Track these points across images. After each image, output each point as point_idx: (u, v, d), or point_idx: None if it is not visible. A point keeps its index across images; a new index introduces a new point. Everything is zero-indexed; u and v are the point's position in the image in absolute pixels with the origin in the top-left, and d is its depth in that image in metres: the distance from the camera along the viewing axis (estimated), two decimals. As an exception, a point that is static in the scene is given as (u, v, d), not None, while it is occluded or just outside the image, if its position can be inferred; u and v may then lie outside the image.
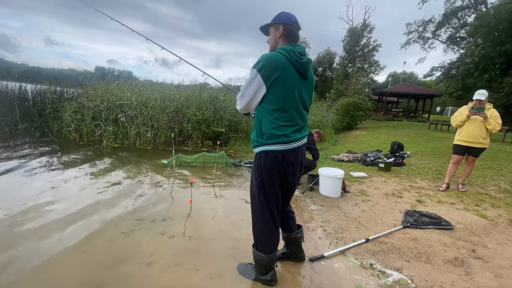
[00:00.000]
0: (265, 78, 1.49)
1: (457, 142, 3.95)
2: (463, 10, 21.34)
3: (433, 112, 23.80)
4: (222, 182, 4.16)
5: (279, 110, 1.55)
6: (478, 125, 3.72)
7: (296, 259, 2.10)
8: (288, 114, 1.57)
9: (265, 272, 1.80)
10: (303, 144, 1.69)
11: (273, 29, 1.67)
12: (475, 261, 2.20)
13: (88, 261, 1.98)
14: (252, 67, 1.54)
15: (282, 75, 1.50)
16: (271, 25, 1.67)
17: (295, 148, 1.61)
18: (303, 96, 1.64)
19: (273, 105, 1.54)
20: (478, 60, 16.27)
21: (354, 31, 27.06)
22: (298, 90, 1.59)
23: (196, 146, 7.08)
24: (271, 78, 1.49)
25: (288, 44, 1.61)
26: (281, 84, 1.51)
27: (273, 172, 1.60)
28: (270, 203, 1.67)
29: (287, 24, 1.63)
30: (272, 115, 1.55)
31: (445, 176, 4.13)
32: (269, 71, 1.49)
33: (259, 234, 1.75)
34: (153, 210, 2.92)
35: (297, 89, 1.58)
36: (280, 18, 1.65)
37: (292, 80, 1.55)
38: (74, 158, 4.96)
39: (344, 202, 3.45)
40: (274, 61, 1.51)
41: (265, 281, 1.81)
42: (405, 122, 19.35)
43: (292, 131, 1.59)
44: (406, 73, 49.22)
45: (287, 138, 1.57)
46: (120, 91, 7.86)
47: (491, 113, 3.69)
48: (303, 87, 1.63)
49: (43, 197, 3.08)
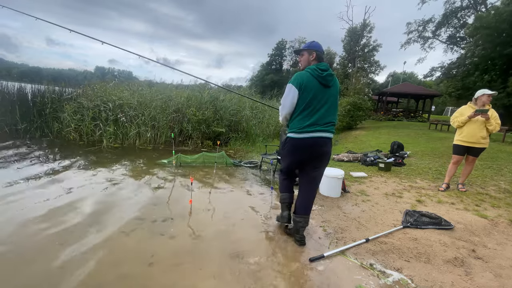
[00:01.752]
0: (298, 87, 2.15)
1: (458, 142, 3.94)
2: (463, 10, 21.36)
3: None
4: (222, 182, 4.16)
5: (305, 110, 2.17)
6: (478, 126, 3.71)
7: (294, 240, 2.42)
8: (308, 112, 2.17)
9: (283, 210, 2.54)
10: (318, 137, 2.19)
11: (307, 53, 2.31)
12: (475, 261, 2.20)
13: (88, 261, 1.98)
14: (288, 83, 2.21)
15: (306, 85, 2.14)
16: (306, 50, 2.30)
17: (310, 137, 2.17)
18: (325, 100, 2.19)
19: (300, 106, 2.17)
20: (478, 60, 16.27)
21: (354, 31, 27.07)
22: (320, 97, 2.17)
23: (196, 146, 7.08)
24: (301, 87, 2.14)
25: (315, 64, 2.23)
26: (306, 92, 2.14)
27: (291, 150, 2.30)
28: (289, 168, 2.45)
29: (319, 51, 2.29)
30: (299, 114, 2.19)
31: (445, 176, 4.13)
32: (299, 82, 2.15)
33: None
34: (153, 210, 2.92)
35: (319, 96, 2.16)
36: (313, 46, 2.30)
37: (313, 88, 2.15)
38: (74, 158, 4.96)
39: (344, 202, 3.45)
40: (301, 76, 2.18)
41: (281, 217, 2.55)
42: (405, 122, 19.36)
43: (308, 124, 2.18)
44: (406, 73, 49.29)
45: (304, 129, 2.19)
46: (118, 90, 7.85)
47: (491, 114, 3.69)
48: (326, 94, 2.19)
49: (43, 197, 3.08)
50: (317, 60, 2.28)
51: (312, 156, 2.24)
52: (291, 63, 47.91)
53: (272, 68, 47.10)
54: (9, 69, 32.99)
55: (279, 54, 47.38)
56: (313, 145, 2.19)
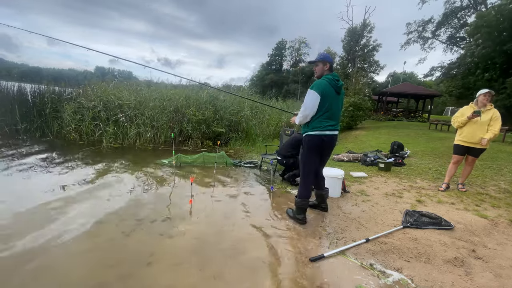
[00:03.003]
0: (320, 94, 2.56)
1: (458, 142, 3.93)
2: (463, 10, 21.35)
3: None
4: (222, 182, 4.16)
5: (325, 113, 2.63)
6: (479, 127, 3.67)
7: (320, 208, 3.13)
8: (327, 114, 2.64)
9: (299, 213, 2.78)
10: (333, 134, 2.72)
11: (322, 64, 2.71)
12: (475, 261, 2.20)
13: (88, 261, 1.98)
14: (309, 89, 2.61)
15: (326, 93, 2.59)
16: (321, 61, 2.71)
17: (328, 134, 2.67)
18: (337, 105, 2.72)
19: (321, 109, 2.60)
20: (478, 60, 16.24)
21: (354, 31, 27.06)
22: (334, 102, 2.66)
23: (196, 146, 7.08)
24: (322, 94, 2.56)
25: (329, 73, 2.69)
26: (325, 98, 2.58)
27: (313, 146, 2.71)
28: (315, 161, 2.78)
29: (331, 62, 2.75)
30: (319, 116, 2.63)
31: (445, 176, 4.13)
32: (321, 90, 2.57)
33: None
34: (153, 210, 2.92)
35: (333, 101, 2.65)
36: (327, 58, 2.73)
37: (330, 94, 2.62)
38: (74, 158, 4.96)
39: (344, 202, 3.45)
40: (322, 85, 2.60)
41: (298, 219, 2.79)
42: (405, 122, 19.34)
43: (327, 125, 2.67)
44: (406, 73, 49.25)
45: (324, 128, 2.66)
46: (117, 90, 7.84)
47: (492, 113, 3.64)
48: (337, 99, 2.70)
49: (42, 197, 3.08)
50: (330, 70, 2.72)
51: (329, 148, 2.81)
52: (291, 63, 47.94)
53: (272, 68, 47.12)
54: (9, 69, 32.93)
55: (279, 54, 47.40)
56: (331, 140, 2.73)
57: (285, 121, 10.87)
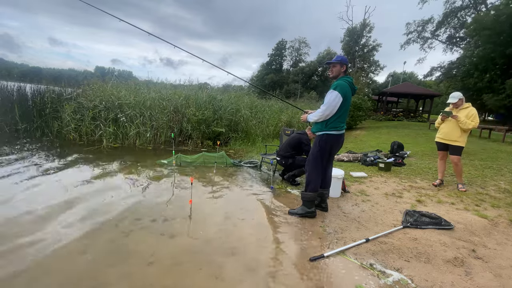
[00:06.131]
0: (343, 96, 2.70)
1: (437, 140, 4.32)
2: (463, 10, 21.36)
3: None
4: (222, 182, 4.16)
5: (343, 114, 2.80)
6: (452, 125, 4.03)
7: (320, 208, 3.09)
8: (344, 115, 2.83)
9: (310, 206, 2.89)
10: (343, 133, 2.89)
11: (339, 65, 2.84)
12: (475, 261, 2.20)
13: (88, 261, 1.98)
14: (331, 90, 2.73)
15: (347, 95, 2.75)
16: (339, 63, 2.83)
17: (343, 134, 2.87)
18: (349, 107, 2.90)
19: (340, 110, 2.74)
20: (477, 60, 16.25)
21: (354, 31, 27.06)
22: (349, 104, 2.85)
23: (196, 146, 7.08)
24: (345, 96, 2.70)
25: (345, 75, 2.85)
26: (346, 99, 2.74)
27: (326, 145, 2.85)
28: (323, 161, 2.91)
29: (347, 64, 2.90)
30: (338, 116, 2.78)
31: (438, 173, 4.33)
32: (344, 92, 2.71)
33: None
34: (153, 210, 2.92)
35: (349, 104, 2.85)
36: (345, 60, 2.85)
37: (349, 97, 2.81)
38: (74, 158, 4.96)
39: (344, 202, 3.45)
40: (345, 87, 2.73)
41: (310, 212, 2.89)
42: (405, 122, 19.36)
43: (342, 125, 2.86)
44: (406, 73, 49.29)
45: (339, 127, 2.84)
46: (116, 90, 7.83)
47: (468, 112, 3.93)
48: (350, 102, 2.87)
49: (42, 197, 3.08)
50: (345, 72, 2.87)
51: (340, 147, 2.96)
52: (291, 63, 47.93)
53: (272, 68, 47.10)
54: (9, 69, 32.95)
55: (279, 54, 47.38)
56: (342, 139, 2.92)
57: (285, 121, 10.87)
